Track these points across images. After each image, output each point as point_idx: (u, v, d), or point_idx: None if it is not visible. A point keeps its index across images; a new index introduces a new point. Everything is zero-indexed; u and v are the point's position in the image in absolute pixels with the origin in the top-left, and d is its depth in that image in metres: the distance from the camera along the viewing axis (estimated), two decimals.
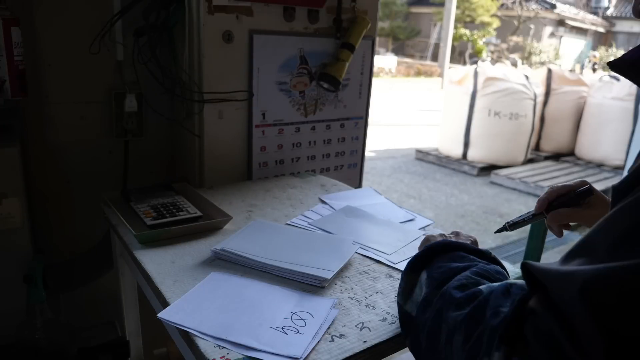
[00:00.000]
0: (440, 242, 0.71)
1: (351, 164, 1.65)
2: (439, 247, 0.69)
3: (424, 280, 0.65)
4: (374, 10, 1.51)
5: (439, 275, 0.63)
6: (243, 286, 0.81)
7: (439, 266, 0.65)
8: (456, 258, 0.66)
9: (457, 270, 0.62)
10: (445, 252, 0.68)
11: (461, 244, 0.70)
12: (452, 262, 0.65)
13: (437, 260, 0.67)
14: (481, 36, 19.36)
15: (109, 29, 1.27)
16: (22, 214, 1.07)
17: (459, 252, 0.68)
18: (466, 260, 0.66)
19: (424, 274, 0.66)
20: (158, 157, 1.49)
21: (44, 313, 1.07)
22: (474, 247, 0.70)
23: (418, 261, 0.69)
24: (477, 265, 0.63)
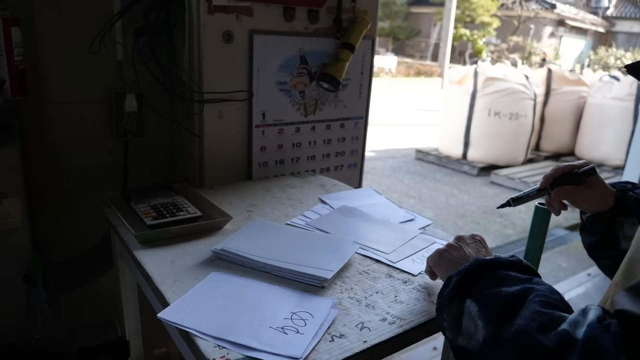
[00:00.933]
0: (473, 263, 0.66)
1: (351, 164, 1.65)
2: (475, 269, 0.65)
3: (476, 313, 0.60)
4: (374, 10, 1.51)
5: (495, 307, 0.58)
6: (243, 286, 0.81)
7: (487, 295, 0.61)
8: (500, 280, 0.62)
9: (512, 297, 0.58)
10: (483, 273, 0.64)
11: (494, 261, 0.66)
12: (500, 287, 0.60)
13: (479, 286, 0.62)
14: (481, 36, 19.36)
15: (109, 29, 1.27)
16: (22, 214, 1.07)
17: (499, 272, 0.64)
18: (511, 280, 0.61)
19: (470, 303, 0.61)
20: (158, 157, 1.49)
21: (44, 313, 1.07)
22: (506, 260, 0.66)
23: (457, 289, 0.64)
24: (533, 290, 0.58)
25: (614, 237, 0.89)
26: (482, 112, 5.48)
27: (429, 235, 1.07)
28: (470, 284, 0.63)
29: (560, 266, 3.28)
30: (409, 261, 0.95)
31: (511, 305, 0.57)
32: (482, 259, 0.66)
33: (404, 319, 0.76)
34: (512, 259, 0.66)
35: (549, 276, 3.10)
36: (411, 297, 0.82)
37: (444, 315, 0.66)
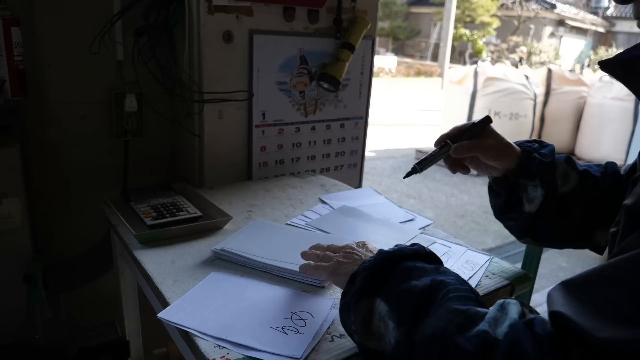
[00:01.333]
0: (378, 257, 0.62)
1: (351, 164, 1.65)
2: (381, 262, 0.61)
3: (386, 313, 0.56)
4: (374, 10, 1.51)
5: (406, 306, 0.55)
6: (243, 286, 0.81)
7: (397, 292, 0.57)
8: (408, 273, 0.59)
9: (423, 293, 0.55)
10: (390, 266, 0.61)
11: (399, 252, 0.63)
12: (409, 281, 0.57)
13: (388, 282, 0.59)
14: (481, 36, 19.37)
15: (109, 29, 1.27)
16: (22, 214, 1.07)
17: (405, 263, 0.61)
18: (418, 271, 0.59)
19: (379, 302, 0.58)
20: (158, 157, 1.49)
21: (44, 313, 1.07)
22: (410, 250, 0.63)
23: (365, 288, 0.60)
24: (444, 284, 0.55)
25: (517, 198, 0.86)
26: (482, 112, 5.47)
27: (429, 235, 1.07)
28: (378, 280, 0.60)
29: (560, 266, 3.28)
30: None
31: (423, 303, 0.54)
32: (386, 251, 0.63)
33: None
34: (415, 247, 0.64)
35: (549, 276, 3.10)
36: None
37: (350, 317, 0.61)
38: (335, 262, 0.73)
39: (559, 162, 0.85)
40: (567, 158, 0.87)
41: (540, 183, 0.83)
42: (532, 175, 0.84)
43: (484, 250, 1.03)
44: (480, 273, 0.91)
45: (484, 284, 0.87)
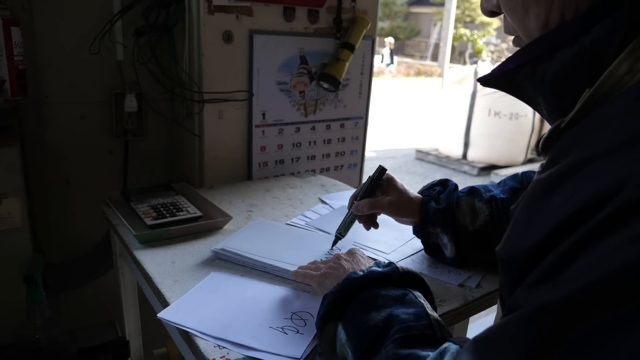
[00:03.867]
0: (344, 283, 0.61)
1: (351, 164, 1.65)
2: (345, 288, 0.61)
3: (345, 342, 0.57)
4: (374, 10, 1.51)
5: (359, 340, 0.55)
6: (243, 286, 0.81)
7: (355, 322, 0.57)
8: (369, 302, 0.58)
9: (375, 330, 0.54)
10: (354, 292, 0.60)
11: (366, 277, 0.61)
12: (368, 312, 0.57)
13: (349, 309, 0.59)
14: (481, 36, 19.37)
15: (109, 29, 1.27)
16: (22, 214, 1.07)
17: (370, 291, 0.59)
18: (380, 301, 0.57)
19: (340, 330, 0.58)
20: (158, 157, 1.49)
21: (44, 313, 1.07)
22: (378, 274, 0.61)
23: (328, 313, 0.60)
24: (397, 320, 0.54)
25: (435, 245, 0.90)
26: (482, 112, 5.48)
27: None
28: (342, 306, 0.60)
29: None
30: (408, 261, 0.95)
31: (374, 339, 0.54)
32: (353, 276, 0.61)
33: None
34: (386, 270, 0.61)
35: None
36: None
37: (319, 341, 0.62)
38: (321, 273, 0.74)
39: (461, 200, 0.87)
40: (470, 190, 0.88)
41: (443, 230, 0.86)
42: (433, 225, 0.87)
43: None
44: (479, 274, 0.90)
45: (484, 284, 0.87)
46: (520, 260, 0.40)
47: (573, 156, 0.39)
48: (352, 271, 0.64)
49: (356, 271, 0.63)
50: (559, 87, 0.47)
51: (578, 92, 0.44)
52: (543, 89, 0.48)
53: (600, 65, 0.43)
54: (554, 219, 0.37)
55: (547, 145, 0.49)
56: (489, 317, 2.54)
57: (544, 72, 0.47)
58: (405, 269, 0.62)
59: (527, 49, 0.49)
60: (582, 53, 0.44)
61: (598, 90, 0.42)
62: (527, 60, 0.49)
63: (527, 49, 0.49)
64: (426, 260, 0.95)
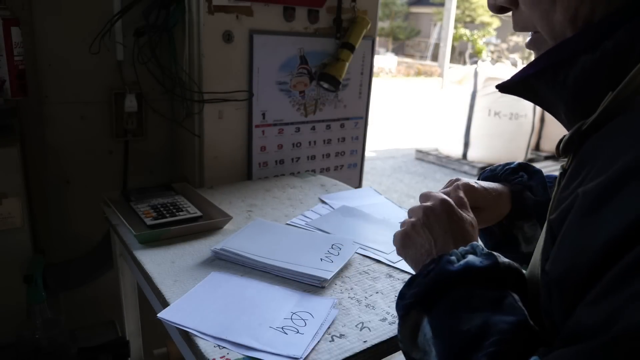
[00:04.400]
0: (435, 277, 0.54)
1: (351, 164, 1.65)
2: (436, 283, 0.54)
3: (430, 338, 0.52)
4: (374, 10, 1.51)
5: (447, 343, 0.50)
6: (243, 286, 0.81)
7: (444, 322, 0.52)
8: (463, 302, 0.52)
9: (468, 337, 0.49)
10: (446, 288, 0.53)
11: (462, 274, 0.53)
12: (460, 314, 0.51)
13: (438, 307, 0.53)
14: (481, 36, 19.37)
15: (109, 29, 1.27)
16: (22, 214, 1.07)
17: (464, 290, 0.52)
18: (475, 303, 0.51)
19: (426, 324, 0.53)
20: (158, 157, 1.49)
21: (44, 313, 1.07)
22: (478, 268, 0.53)
23: (414, 304, 0.55)
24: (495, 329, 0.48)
25: (513, 239, 0.79)
26: (482, 112, 5.47)
27: None
28: (430, 299, 0.54)
29: None
30: None
31: (465, 346, 0.49)
32: (448, 268, 0.53)
33: None
34: (486, 265, 0.53)
35: None
36: None
37: (399, 327, 0.57)
38: (404, 232, 0.64)
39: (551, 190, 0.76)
40: None
41: (540, 223, 0.75)
42: (529, 217, 0.76)
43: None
44: None
45: None
46: (578, 278, 0.38)
47: (619, 165, 0.39)
48: (447, 257, 0.55)
49: (450, 257, 0.55)
50: (580, 90, 0.47)
51: (600, 95, 0.44)
52: (564, 93, 0.48)
53: (623, 69, 0.43)
54: (612, 232, 0.36)
55: (568, 147, 0.49)
56: None
57: (565, 76, 0.47)
58: (506, 265, 0.54)
59: (546, 55, 0.49)
60: (604, 57, 0.44)
61: (621, 93, 0.43)
62: (548, 65, 0.48)
63: (546, 55, 0.49)
64: None
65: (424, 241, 0.61)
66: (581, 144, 0.48)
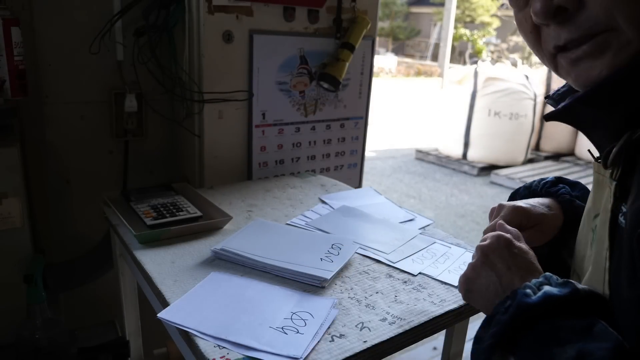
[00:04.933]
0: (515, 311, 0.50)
1: (351, 164, 1.65)
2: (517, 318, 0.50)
3: None
4: (374, 10, 1.51)
5: None
6: (243, 286, 0.81)
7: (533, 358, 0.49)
8: (550, 335, 0.48)
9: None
10: (528, 322, 0.50)
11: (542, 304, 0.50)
12: (550, 348, 0.48)
13: (524, 342, 0.50)
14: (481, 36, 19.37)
15: (109, 29, 1.27)
16: (22, 214, 1.07)
17: (549, 322, 0.49)
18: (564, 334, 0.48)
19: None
20: (158, 157, 1.49)
21: (44, 313, 1.07)
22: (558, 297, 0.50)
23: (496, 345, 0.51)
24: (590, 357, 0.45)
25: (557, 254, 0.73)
26: (482, 112, 5.47)
27: (429, 235, 1.07)
28: (513, 336, 0.50)
29: None
30: (409, 261, 0.95)
31: None
32: (526, 301, 0.50)
33: (404, 319, 0.76)
34: (566, 293, 0.50)
35: None
36: (411, 297, 0.82)
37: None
38: (465, 277, 0.60)
39: None
40: None
41: None
42: None
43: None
44: None
45: None
46: None
47: None
48: (522, 290, 0.51)
49: (526, 291, 0.51)
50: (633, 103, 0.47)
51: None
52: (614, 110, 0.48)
53: None
54: None
55: (617, 158, 0.49)
56: None
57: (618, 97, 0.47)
58: (587, 291, 0.51)
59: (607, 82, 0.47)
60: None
61: None
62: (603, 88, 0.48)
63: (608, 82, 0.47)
64: (426, 260, 0.95)
65: (488, 282, 0.57)
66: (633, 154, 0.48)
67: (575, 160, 5.91)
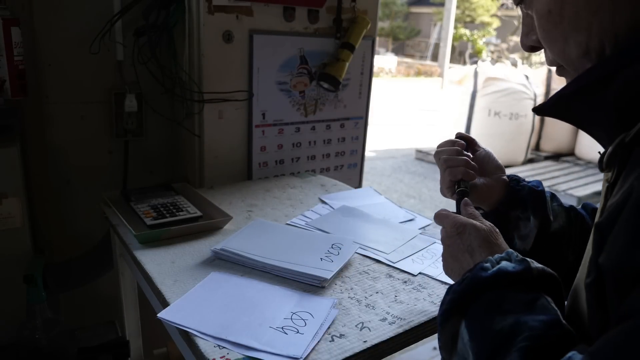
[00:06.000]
0: (469, 283, 0.57)
1: (351, 164, 1.65)
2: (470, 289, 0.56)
3: (467, 342, 0.54)
4: (374, 10, 1.51)
5: (482, 343, 0.52)
6: (243, 286, 0.81)
7: (479, 325, 0.54)
8: (496, 304, 0.54)
9: (500, 335, 0.51)
10: (480, 292, 0.55)
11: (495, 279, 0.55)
12: (493, 316, 0.53)
13: (473, 309, 0.55)
14: (481, 36, 19.38)
15: (109, 29, 1.27)
16: (22, 214, 1.07)
17: (497, 292, 0.55)
18: (508, 305, 0.53)
19: (463, 328, 0.55)
20: (158, 157, 1.49)
21: (44, 313, 1.07)
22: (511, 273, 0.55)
23: (450, 311, 0.57)
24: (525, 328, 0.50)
25: (508, 237, 0.79)
26: (482, 112, 5.48)
27: (429, 235, 1.07)
28: (465, 304, 0.56)
29: None
30: (409, 261, 0.95)
31: (498, 345, 0.50)
32: (481, 275, 0.56)
33: (404, 319, 0.76)
34: (518, 270, 0.55)
35: None
36: (411, 297, 0.82)
37: (438, 334, 0.59)
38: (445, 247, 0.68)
39: (546, 196, 0.81)
40: (551, 194, 0.83)
41: (533, 214, 0.79)
42: (524, 206, 0.79)
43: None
44: None
45: None
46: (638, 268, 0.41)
47: None
48: (481, 264, 0.58)
49: (485, 264, 0.57)
50: (621, 104, 0.49)
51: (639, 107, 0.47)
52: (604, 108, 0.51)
53: None
54: None
55: (612, 160, 0.51)
56: None
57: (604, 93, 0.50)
58: (539, 270, 0.56)
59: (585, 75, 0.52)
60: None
61: None
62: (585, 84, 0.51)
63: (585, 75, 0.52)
64: (426, 260, 0.95)
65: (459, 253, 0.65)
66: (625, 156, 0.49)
67: (575, 161, 5.91)
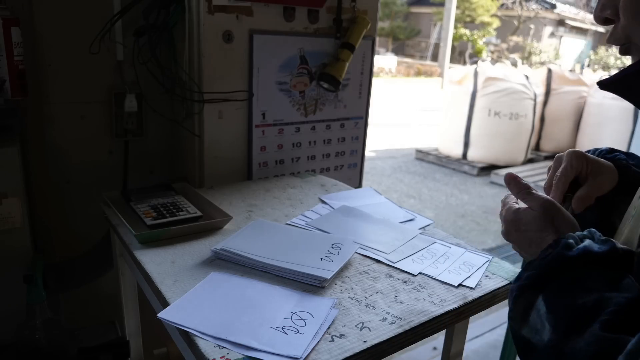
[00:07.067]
0: (554, 259, 0.56)
1: (351, 164, 1.65)
2: (554, 265, 0.56)
3: (544, 314, 0.54)
4: (374, 10, 1.51)
5: (563, 317, 0.52)
6: (243, 286, 0.81)
7: (559, 300, 0.54)
8: (578, 282, 0.53)
9: (583, 310, 0.51)
10: (563, 270, 0.55)
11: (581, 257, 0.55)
12: (575, 293, 0.53)
13: (553, 285, 0.55)
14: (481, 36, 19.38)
15: (109, 29, 1.27)
16: (22, 214, 1.07)
17: (580, 271, 0.54)
18: (591, 283, 0.53)
19: (540, 302, 0.55)
20: (158, 157, 1.49)
21: (44, 313, 1.07)
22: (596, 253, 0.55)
23: (528, 286, 0.57)
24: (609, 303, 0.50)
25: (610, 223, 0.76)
26: (482, 112, 5.48)
27: (429, 235, 1.07)
28: (545, 279, 0.56)
29: None
30: (409, 261, 0.95)
31: (580, 319, 0.50)
32: (564, 254, 0.55)
33: (404, 319, 0.76)
34: (605, 250, 0.54)
35: None
36: (411, 297, 0.82)
37: (510, 306, 0.59)
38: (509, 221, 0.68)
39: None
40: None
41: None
42: (631, 192, 0.73)
43: (484, 250, 1.03)
44: (478, 274, 0.91)
45: (484, 284, 0.88)
46: None
47: None
48: (564, 240, 0.57)
49: (569, 241, 0.56)
50: None
51: None
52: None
53: None
54: None
55: None
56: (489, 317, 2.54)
57: None
58: (625, 250, 0.55)
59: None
60: None
61: None
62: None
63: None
64: (426, 260, 0.95)
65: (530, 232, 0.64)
66: None
67: None
